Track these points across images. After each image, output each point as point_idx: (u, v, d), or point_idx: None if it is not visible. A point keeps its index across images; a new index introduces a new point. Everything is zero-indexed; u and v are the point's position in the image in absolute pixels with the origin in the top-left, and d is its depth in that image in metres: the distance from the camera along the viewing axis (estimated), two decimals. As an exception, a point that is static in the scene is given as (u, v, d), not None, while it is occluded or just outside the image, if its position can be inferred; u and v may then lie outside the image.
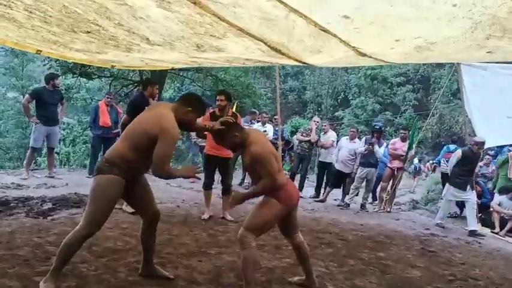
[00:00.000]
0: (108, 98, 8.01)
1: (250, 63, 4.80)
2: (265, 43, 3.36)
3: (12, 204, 4.80)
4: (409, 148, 7.49)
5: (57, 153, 14.89)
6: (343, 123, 27.91)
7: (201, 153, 7.86)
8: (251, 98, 16.26)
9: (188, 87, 18.69)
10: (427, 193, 11.31)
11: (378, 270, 4.13)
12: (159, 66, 5.86)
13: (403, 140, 7.79)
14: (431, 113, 19.01)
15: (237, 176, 9.24)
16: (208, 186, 5.54)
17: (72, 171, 8.86)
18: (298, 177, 8.80)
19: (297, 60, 4.04)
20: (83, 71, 14.54)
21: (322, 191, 8.72)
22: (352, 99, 33.05)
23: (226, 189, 5.49)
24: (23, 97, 28.08)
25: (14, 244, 3.58)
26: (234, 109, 9.74)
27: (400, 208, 8.48)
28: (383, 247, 5.02)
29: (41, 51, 4.31)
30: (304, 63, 4.22)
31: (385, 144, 7.97)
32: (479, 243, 5.99)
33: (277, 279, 3.58)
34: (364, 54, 3.69)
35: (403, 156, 7.62)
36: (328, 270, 3.98)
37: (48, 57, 14.64)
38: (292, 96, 29.84)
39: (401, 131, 8.09)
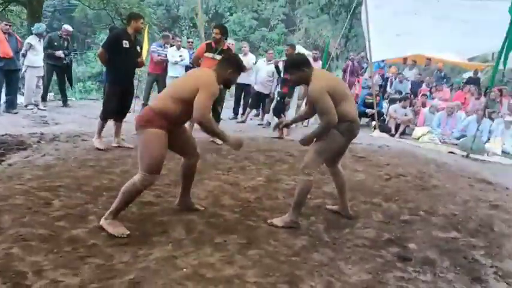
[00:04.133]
0: (5, 25, 7.00)
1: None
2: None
3: (-47, 155, 4.28)
4: (323, 67, 8.19)
5: None
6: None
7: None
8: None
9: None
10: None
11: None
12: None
13: (315, 59, 8.44)
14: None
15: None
16: None
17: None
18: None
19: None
20: None
21: (240, 112, 9.14)
22: (229, 15, 32.66)
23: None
24: None
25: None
26: (145, 33, 9.30)
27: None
28: (324, 158, 5.75)
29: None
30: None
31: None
32: (388, 146, 7.15)
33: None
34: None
35: (316, 74, 8.29)
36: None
37: None
38: (160, 11, 27.29)
39: (313, 52, 8.72)
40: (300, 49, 8.01)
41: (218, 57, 5.63)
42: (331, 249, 3.04)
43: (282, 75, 7.29)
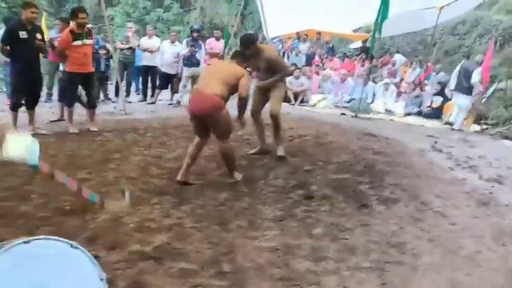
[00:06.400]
0: None
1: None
2: None
3: None
4: (226, 46, 8.72)
5: None
6: (112, 24, 25.43)
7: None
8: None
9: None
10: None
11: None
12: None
13: (217, 39, 8.93)
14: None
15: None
16: (71, 102, 5.76)
17: None
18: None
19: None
20: None
21: (148, 93, 9.36)
22: (119, -4, 31.33)
23: (92, 103, 5.91)
24: None
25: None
26: (43, 22, 8.99)
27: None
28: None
29: None
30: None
31: (203, 44, 8.95)
32: (289, 113, 7.96)
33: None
34: None
35: (219, 53, 8.82)
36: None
37: None
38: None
39: (215, 31, 9.18)
40: None
41: (88, 41, 5.63)
42: (249, 197, 3.67)
43: None
